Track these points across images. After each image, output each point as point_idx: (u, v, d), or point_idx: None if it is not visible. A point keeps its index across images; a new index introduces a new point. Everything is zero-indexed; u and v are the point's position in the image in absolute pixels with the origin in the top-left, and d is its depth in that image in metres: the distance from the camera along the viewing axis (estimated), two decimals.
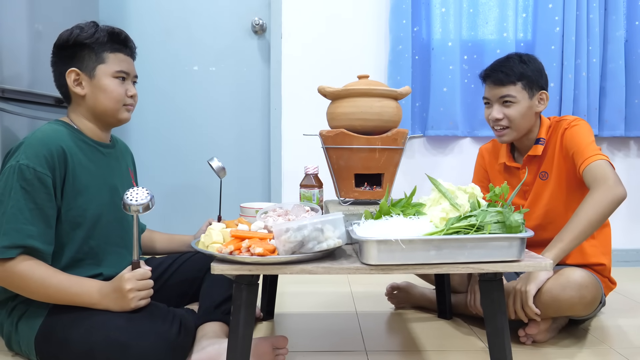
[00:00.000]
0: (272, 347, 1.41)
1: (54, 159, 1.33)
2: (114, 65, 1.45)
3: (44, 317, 1.34)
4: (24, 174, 1.29)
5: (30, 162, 1.30)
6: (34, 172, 1.29)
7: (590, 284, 1.56)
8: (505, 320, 1.24)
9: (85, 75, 1.44)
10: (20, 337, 1.38)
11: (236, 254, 1.12)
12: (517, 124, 1.72)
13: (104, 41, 1.44)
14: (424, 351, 1.59)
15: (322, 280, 2.38)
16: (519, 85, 1.70)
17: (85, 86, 1.44)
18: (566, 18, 2.64)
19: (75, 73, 1.43)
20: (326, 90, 1.63)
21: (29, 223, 1.29)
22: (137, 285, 1.30)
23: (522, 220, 1.17)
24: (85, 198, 1.40)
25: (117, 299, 1.30)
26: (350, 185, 1.61)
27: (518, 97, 1.70)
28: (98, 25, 1.47)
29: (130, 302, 1.29)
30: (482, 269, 1.15)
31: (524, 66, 1.71)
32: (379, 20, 2.77)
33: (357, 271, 1.14)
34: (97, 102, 1.45)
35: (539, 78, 1.73)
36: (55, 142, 1.35)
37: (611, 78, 2.70)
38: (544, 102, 1.74)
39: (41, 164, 1.31)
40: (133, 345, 1.26)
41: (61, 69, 1.45)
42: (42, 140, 1.34)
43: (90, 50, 1.43)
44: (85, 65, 1.43)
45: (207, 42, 2.88)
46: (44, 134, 1.37)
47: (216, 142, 2.90)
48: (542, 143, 1.75)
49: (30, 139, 1.34)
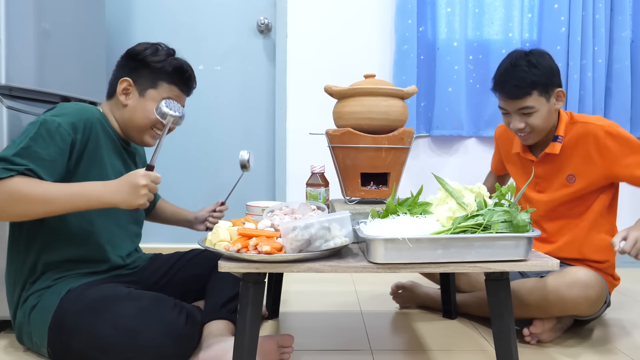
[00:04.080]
0: (277, 346, 1.41)
1: (81, 126, 1.39)
2: (164, 93, 1.51)
3: (55, 307, 1.36)
4: (48, 124, 1.32)
5: (57, 118, 1.34)
6: (58, 126, 1.33)
7: (595, 284, 1.56)
8: (512, 320, 1.24)
9: (136, 90, 1.50)
10: (32, 329, 1.40)
11: (243, 252, 1.12)
12: (541, 128, 1.68)
13: (167, 71, 1.51)
14: (429, 350, 1.59)
15: (327, 280, 2.38)
16: (534, 94, 1.62)
17: (130, 99, 1.51)
18: (572, 18, 2.64)
19: (127, 83, 1.50)
20: (332, 90, 1.63)
21: (36, 163, 1.28)
22: (150, 185, 1.30)
23: (529, 219, 1.17)
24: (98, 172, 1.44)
25: (127, 192, 1.29)
26: (357, 184, 1.61)
27: (537, 106, 1.63)
28: (172, 55, 1.55)
29: (142, 198, 1.30)
30: (489, 268, 1.15)
31: (535, 71, 1.62)
32: (385, 20, 2.77)
33: (364, 270, 1.14)
34: (133, 117, 1.51)
35: (552, 78, 1.65)
36: (86, 114, 1.42)
37: (617, 79, 2.69)
38: (561, 98, 1.68)
39: (67, 124, 1.35)
40: (141, 333, 1.27)
41: (120, 73, 1.53)
42: (75, 108, 1.41)
43: (151, 72, 1.50)
44: (140, 82, 1.50)
45: (213, 42, 2.88)
46: (80, 104, 1.45)
47: (221, 141, 2.91)
48: (560, 141, 1.69)
49: (66, 104, 1.42)
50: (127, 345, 1.27)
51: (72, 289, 1.39)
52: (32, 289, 1.42)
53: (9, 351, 1.54)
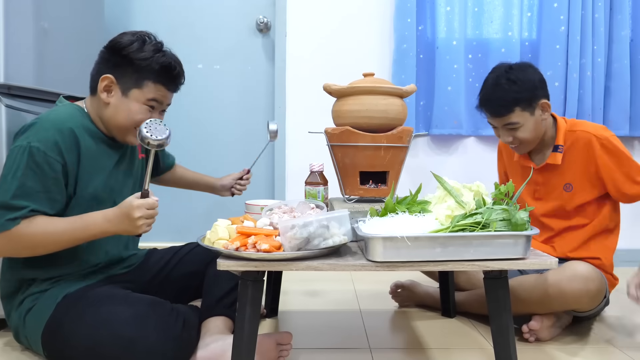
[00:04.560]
0: (275, 344, 1.41)
1: (66, 143, 1.33)
2: (148, 93, 1.41)
3: (51, 311, 1.35)
4: (35, 157, 1.28)
5: (41, 145, 1.29)
6: (45, 155, 1.29)
7: (595, 277, 1.58)
8: (510, 318, 1.24)
9: (119, 88, 1.41)
10: (27, 331, 1.39)
11: (242, 250, 1.12)
12: (530, 139, 1.69)
13: (153, 69, 1.40)
14: (428, 349, 1.59)
15: (325, 278, 2.39)
16: (517, 111, 1.64)
17: (113, 97, 1.41)
18: (571, 17, 2.64)
19: (109, 80, 1.40)
20: (332, 88, 1.63)
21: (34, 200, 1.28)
22: (146, 214, 1.26)
23: (528, 218, 1.17)
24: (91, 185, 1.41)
25: (125, 225, 1.28)
26: (355, 183, 1.62)
27: (521, 121, 1.65)
28: (160, 51, 1.43)
29: (139, 229, 1.27)
30: (488, 267, 1.15)
31: (515, 88, 1.63)
32: (384, 19, 2.77)
33: (362, 268, 1.14)
34: (116, 117, 1.42)
35: (534, 92, 1.65)
36: (67, 127, 1.34)
37: (616, 78, 2.69)
38: (547, 109, 1.68)
39: (52, 149, 1.30)
40: (138, 340, 1.26)
41: (101, 67, 1.42)
42: (54, 123, 1.33)
43: (135, 71, 1.40)
44: (123, 80, 1.40)
45: (212, 41, 2.88)
46: (57, 116, 1.36)
47: (221, 140, 2.91)
48: (561, 151, 1.70)
49: (43, 121, 1.33)
50: (124, 354, 1.26)
51: (68, 294, 1.38)
52: (27, 291, 1.40)
53: (6, 350, 1.54)
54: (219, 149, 2.90)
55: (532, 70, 1.69)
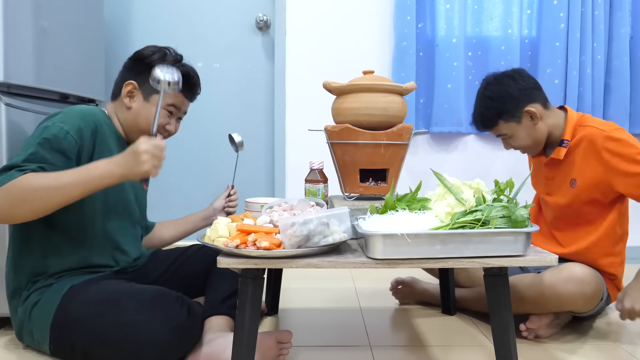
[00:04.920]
0: (276, 342, 1.42)
1: (88, 131, 1.40)
2: (168, 99, 1.51)
3: (58, 303, 1.36)
4: (56, 132, 1.34)
5: (64, 125, 1.35)
6: (66, 133, 1.35)
7: (592, 280, 1.57)
8: (510, 315, 1.24)
9: (141, 94, 1.51)
10: (33, 325, 1.40)
11: (242, 248, 1.12)
12: (527, 145, 1.70)
13: None
14: (428, 346, 1.59)
15: (326, 276, 2.39)
16: (501, 123, 1.67)
17: (135, 102, 1.51)
18: (571, 15, 2.64)
19: (132, 86, 1.50)
20: (331, 86, 1.63)
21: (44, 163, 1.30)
22: (152, 149, 1.27)
23: (528, 215, 1.17)
24: None
25: (130, 161, 1.27)
26: (355, 181, 1.62)
27: (509, 132, 1.68)
28: (179, 61, 1.55)
29: (144, 164, 1.26)
30: (488, 264, 1.15)
31: (492, 104, 1.66)
32: (384, 17, 2.77)
33: (362, 265, 1.14)
34: (137, 120, 1.51)
35: (513, 103, 1.65)
36: (91, 119, 1.42)
37: (616, 75, 2.69)
38: (535, 115, 1.64)
39: (74, 130, 1.36)
40: (144, 327, 1.28)
41: (126, 75, 1.53)
42: (81, 112, 1.41)
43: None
44: (145, 86, 1.48)
45: (211, 39, 2.88)
46: (84, 108, 1.44)
47: (220, 139, 2.90)
48: (566, 146, 1.66)
49: (70, 109, 1.41)
50: (130, 340, 1.28)
51: (74, 285, 1.40)
52: (33, 287, 1.42)
53: (9, 348, 1.54)
54: (218, 147, 2.90)
55: (510, 80, 1.67)
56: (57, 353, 1.39)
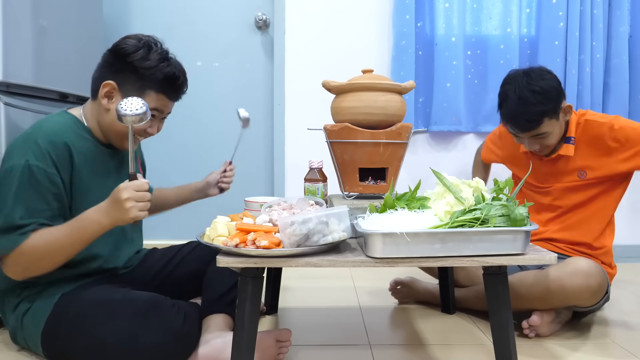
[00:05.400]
0: (275, 341, 1.41)
1: (60, 157, 1.32)
2: (150, 103, 1.38)
3: (49, 313, 1.34)
4: (35, 175, 1.28)
5: (40, 162, 1.28)
6: (45, 173, 1.29)
7: (596, 273, 1.58)
8: (510, 314, 1.24)
9: (120, 95, 1.38)
10: (25, 334, 1.38)
11: (242, 247, 1.12)
12: (555, 142, 1.72)
13: (156, 79, 1.38)
14: (428, 345, 1.59)
15: (325, 275, 2.39)
16: (545, 121, 1.64)
17: (114, 103, 1.38)
18: (570, 13, 2.63)
19: (111, 87, 1.38)
20: (330, 85, 1.63)
21: (37, 214, 1.28)
22: (135, 195, 1.22)
23: (527, 213, 1.17)
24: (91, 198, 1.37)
25: (115, 210, 1.23)
26: (355, 180, 1.62)
27: (549, 130, 1.66)
28: (165, 60, 1.41)
29: (129, 212, 1.22)
30: (487, 262, 1.15)
31: (542, 100, 1.61)
32: (383, 16, 2.77)
33: (362, 264, 1.14)
34: (114, 123, 1.38)
35: (558, 98, 1.65)
36: (60, 139, 1.33)
37: (615, 74, 2.69)
38: (569, 111, 1.70)
39: (49, 164, 1.30)
40: (140, 335, 1.27)
41: (104, 72, 1.40)
42: (50, 136, 1.32)
43: (138, 79, 1.37)
44: (125, 87, 1.38)
45: (211, 38, 2.88)
46: (51, 129, 1.34)
47: (220, 138, 2.90)
48: (573, 142, 1.72)
49: (36, 135, 1.32)
50: (127, 350, 1.27)
51: (65, 293, 1.37)
52: (23, 293, 1.39)
53: (2, 350, 1.53)
54: (217, 147, 2.90)
55: (550, 75, 1.67)
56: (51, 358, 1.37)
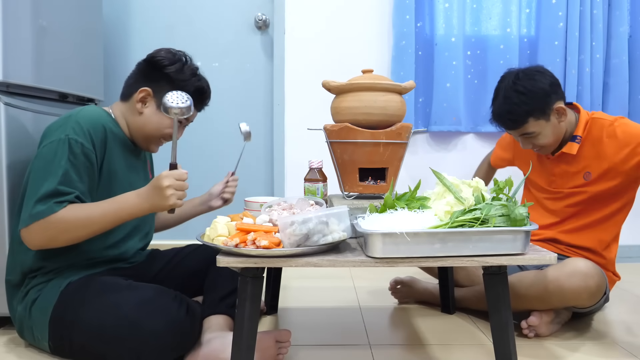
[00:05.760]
0: (274, 341, 1.42)
1: (98, 138, 1.41)
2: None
3: (55, 300, 1.37)
4: (73, 148, 1.35)
5: (78, 137, 1.36)
6: (82, 146, 1.36)
7: (595, 274, 1.57)
8: (510, 314, 1.24)
9: (154, 101, 1.50)
10: (33, 323, 1.41)
11: (242, 247, 1.12)
12: (550, 143, 1.69)
13: (188, 91, 1.45)
14: (428, 345, 1.59)
15: (325, 275, 2.39)
16: (531, 121, 1.63)
17: (147, 108, 1.50)
18: (570, 14, 2.63)
19: (147, 93, 1.49)
20: (330, 85, 1.63)
21: (74, 186, 1.34)
22: (175, 184, 1.29)
23: (527, 213, 1.17)
24: (115, 185, 1.47)
25: (155, 196, 1.30)
26: (355, 180, 1.62)
27: (537, 130, 1.64)
28: (196, 75, 1.54)
29: (169, 199, 1.29)
30: (487, 262, 1.15)
31: (525, 99, 1.60)
32: (382, 16, 2.77)
33: (362, 264, 1.14)
34: (145, 126, 1.51)
35: (545, 99, 1.62)
36: (100, 123, 1.42)
37: (615, 74, 2.69)
38: (563, 113, 1.65)
39: (88, 140, 1.38)
40: (143, 323, 1.29)
41: (140, 78, 1.51)
42: (90, 118, 1.41)
43: (172, 88, 1.44)
44: (159, 95, 1.47)
45: (210, 38, 2.87)
46: (92, 112, 1.44)
47: (219, 138, 2.91)
48: (578, 141, 1.68)
49: (78, 115, 1.40)
50: (128, 336, 1.29)
51: (71, 281, 1.41)
52: (31, 283, 1.43)
53: (10, 347, 1.54)
54: (217, 147, 2.90)
55: (541, 75, 1.64)
56: (56, 350, 1.40)
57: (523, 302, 1.62)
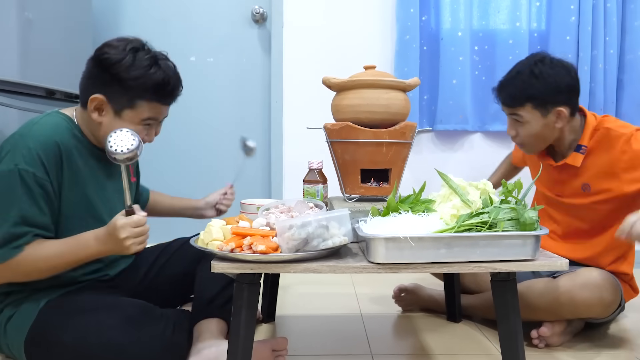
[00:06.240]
0: (271, 350, 1.42)
1: (51, 162, 1.32)
2: (143, 113, 1.39)
3: (33, 319, 1.34)
4: (25, 179, 1.28)
5: (29, 166, 1.29)
6: (34, 177, 1.29)
7: (609, 285, 1.56)
8: (519, 322, 1.24)
9: (110, 108, 1.37)
10: (9, 340, 1.38)
11: (237, 252, 1.12)
12: (531, 142, 1.67)
13: (145, 88, 1.37)
14: (433, 355, 1.59)
15: (325, 281, 2.38)
16: (528, 107, 1.61)
17: (104, 116, 1.38)
18: (582, 7, 2.63)
19: (99, 101, 1.36)
20: (331, 82, 1.63)
21: (32, 221, 1.30)
22: (133, 233, 1.25)
23: (537, 217, 1.17)
24: (78, 198, 1.41)
25: (113, 245, 1.27)
26: (356, 181, 1.61)
27: (527, 118, 1.62)
28: (153, 65, 1.38)
29: (129, 249, 1.26)
30: (495, 268, 1.15)
31: (535, 83, 1.59)
32: (385, 9, 2.77)
33: (364, 270, 1.14)
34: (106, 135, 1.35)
35: (554, 94, 1.60)
36: (52, 141, 1.33)
37: (629, 70, 2.69)
38: (562, 118, 1.62)
39: (39, 168, 1.30)
40: (128, 346, 1.28)
41: (89, 84, 1.38)
42: (42, 138, 1.32)
43: (127, 90, 1.36)
44: (114, 99, 1.37)
45: (205, 32, 2.87)
46: (42, 131, 1.34)
47: (215, 137, 2.90)
48: (583, 152, 1.64)
49: (28, 137, 1.32)
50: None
51: (50, 300, 1.38)
52: (7, 300, 1.39)
53: None
54: (213, 145, 2.90)
55: (565, 72, 1.62)
56: None
57: (532, 313, 1.62)
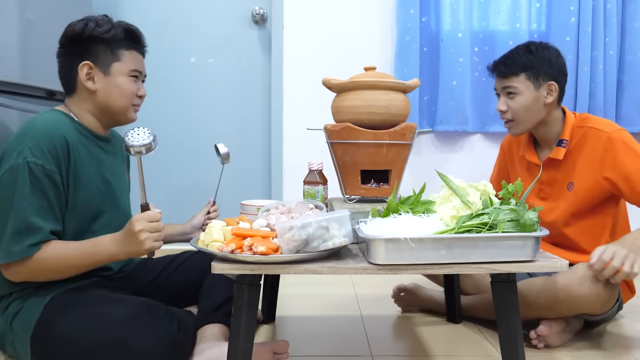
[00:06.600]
0: (272, 352, 1.42)
1: (59, 153, 1.35)
2: (129, 64, 1.47)
3: (39, 315, 1.35)
4: (34, 172, 1.30)
5: (37, 159, 1.31)
6: (43, 169, 1.31)
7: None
8: (519, 323, 1.24)
9: (99, 70, 1.44)
10: (15, 337, 1.39)
11: (238, 253, 1.12)
12: (521, 116, 1.74)
13: (120, 38, 1.45)
14: (432, 356, 1.59)
15: (325, 282, 2.39)
16: (522, 76, 1.71)
17: (97, 81, 1.45)
18: (582, 8, 2.64)
19: (88, 67, 1.43)
20: (331, 83, 1.63)
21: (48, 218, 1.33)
22: (148, 227, 1.28)
23: (537, 218, 1.17)
24: (84, 193, 1.43)
25: (130, 242, 1.30)
26: (356, 182, 1.61)
27: (520, 88, 1.71)
28: (112, 22, 1.48)
29: (144, 244, 1.28)
30: (495, 270, 1.16)
31: (529, 56, 1.72)
32: (385, 10, 2.77)
33: (364, 271, 1.14)
34: (110, 100, 1.46)
35: (546, 68, 1.72)
36: (58, 133, 1.36)
37: (629, 71, 2.70)
38: (552, 92, 1.72)
39: (48, 161, 1.32)
40: (133, 342, 1.28)
41: (71, 61, 1.45)
42: (46, 133, 1.35)
43: (106, 46, 1.44)
44: (100, 60, 1.44)
45: (205, 33, 2.88)
46: (46, 124, 1.37)
47: (215, 138, 2.90)
48: (565, 146, 1.73)
49: (33, 131, 1.34)
50: (118, 356, 1.28)
51: (55, 296, 1.39)
52: (12, 296, 1.40)
53: None
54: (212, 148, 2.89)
55: (556, 53, 1.75)
56: None
57: (532, 311, 1.62)
